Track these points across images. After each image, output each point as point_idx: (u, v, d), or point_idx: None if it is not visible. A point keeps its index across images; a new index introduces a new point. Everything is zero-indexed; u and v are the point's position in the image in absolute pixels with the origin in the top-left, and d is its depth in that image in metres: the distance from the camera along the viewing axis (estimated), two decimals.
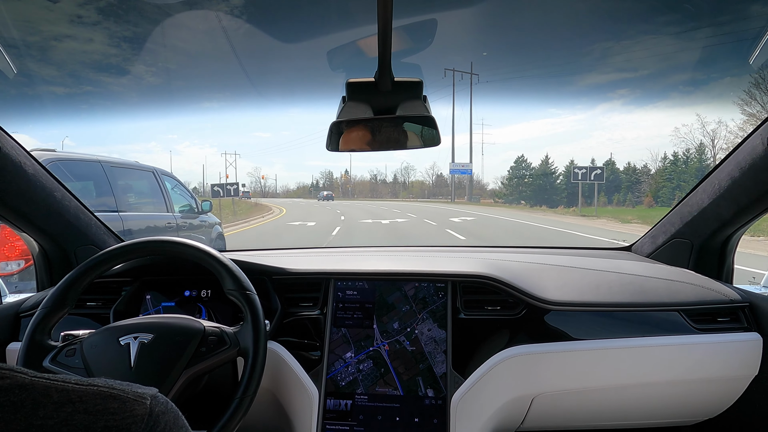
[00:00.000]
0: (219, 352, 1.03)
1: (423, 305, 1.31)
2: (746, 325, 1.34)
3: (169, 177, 6.18)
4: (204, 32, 1.91)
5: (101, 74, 6.75)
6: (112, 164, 5.05)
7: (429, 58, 1.15)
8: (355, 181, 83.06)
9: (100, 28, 3.20)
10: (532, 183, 40.26)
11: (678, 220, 1.59)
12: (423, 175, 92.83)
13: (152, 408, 0.48)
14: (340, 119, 1.03)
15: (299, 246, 2.18)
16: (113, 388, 0.47)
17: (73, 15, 2.68)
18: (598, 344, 1.29)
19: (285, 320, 1.34)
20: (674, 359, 1.29)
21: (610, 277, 1.42)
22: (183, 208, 6.22)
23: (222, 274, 1.12)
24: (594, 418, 1.40)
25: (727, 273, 1.56)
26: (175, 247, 1.16)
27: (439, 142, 1.05)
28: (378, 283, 1.36)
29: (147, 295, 1.40)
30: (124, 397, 0.47)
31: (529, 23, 5.44)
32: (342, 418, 1.23)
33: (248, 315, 1.08)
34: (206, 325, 1.07)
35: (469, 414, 1.20)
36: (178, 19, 1.17)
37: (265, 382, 1.12)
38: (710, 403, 1.39)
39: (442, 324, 1.29)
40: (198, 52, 2.73)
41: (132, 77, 6.17)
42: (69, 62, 4.97)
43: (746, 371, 1.32)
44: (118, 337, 1.02)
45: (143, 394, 0.49)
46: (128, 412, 0.46)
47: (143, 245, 1.17)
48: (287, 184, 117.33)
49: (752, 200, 1.31)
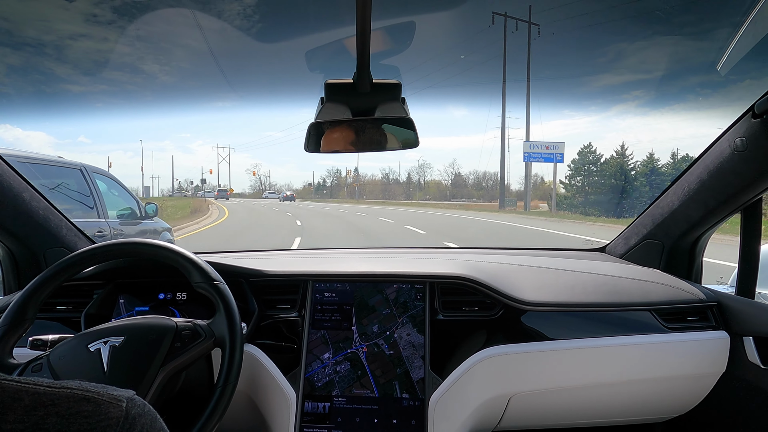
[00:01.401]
0: (194, 345, 1.02)
1: (403, 309, 1.31)
2: (714, 323, 1.38)
3: (103, 176, 5.33)
4: (217, 31, 1.92)
5: (115, 73, 6.72)
6: (21, 159, 4.16)
7: (407, 61, 1.15)
8: (365, 180, 76.00)
9: (114, 27, 3.18)
10: (603, 183, 28.44)
11: (650, 222, 1.63)
12: (441, 174, 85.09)
13: (128, 410, 0.47)
14: (318, 120, 1.03)
15: (277, 247, 2.15)
16: (87, 391, 0.46)
17: (88, 14, 2.67)
18: (573, 344, 1.31)
19: (262, 323, 1.33)
20: (646, 358, 1.32)
21: (584, 278, 1.44)
22: (123, 212, 5.46)
23: (188, 268, 1.11)
24: (569, 416, 1.42)
25: (696, 273, 1.60)
26: (148, 249, 1.13)
27: (417, 144, 1.05)
28: (359, 285, 1.35)
29: (120, 298, 1.37)
30: (98, 399, 0.46)
31: (543, 23, 5.41)
32: (320, 421, 1.22)
33: (220, 305, 1.07)
34: (178, 321, 1.05)
35: (447, 415, 1.21)
36: (192, 18, 1.17)
37: (241, 385, 1.11)
38: (681, 399, 1.43)
39: (421, 329, 1.29)
40: (210, 50, 2.71)
41: (146, 76, 6.15)
42: (84, 61, 4.95)
43: (714, 368, 1.36)
44: (87, 344, 0.99)
45: (119, 396, 0.47)
46: (103, 415, 0.45)
47: (116, 247, 1.14)
48: (291, 182, 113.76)
49: (720, 203, 1.36)
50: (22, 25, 2.17)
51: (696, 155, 1.40)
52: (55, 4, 1.95)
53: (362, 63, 0.93)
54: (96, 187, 4.98)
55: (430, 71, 6.20)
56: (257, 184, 78.85)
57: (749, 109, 1.18)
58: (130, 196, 5.80)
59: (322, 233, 14.15)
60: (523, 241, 12.87)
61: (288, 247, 10.15)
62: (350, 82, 0.99)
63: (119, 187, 5.64)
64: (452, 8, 1.38)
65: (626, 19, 5.44)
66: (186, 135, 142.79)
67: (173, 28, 1.84)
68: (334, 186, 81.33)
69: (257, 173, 78.51)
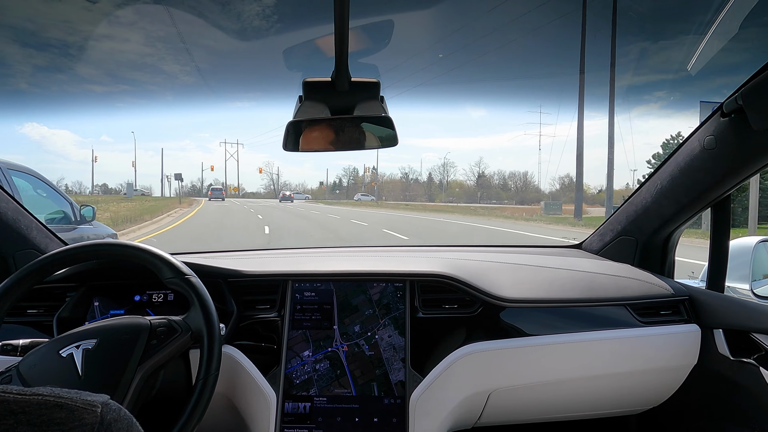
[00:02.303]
0: (171, 341, 1.01)
1: (386, 311, 1.31)
2: (686, 317, 1.42)
3: (24, 174, 4.43)
4: (236, 32, 1.89)
5: (137, 73, 6.52)
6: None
7: (386, 59, 1.15)
8: (384, 180, 67.99)
9: (136, 28, 3.09)
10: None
11: (624, 219, 1.67)
12: (465, 174, 76.22)
13: (103, 416, 0.46)
14: (297, 119, 1.02)
15: (256, 248, 2.12)
16: (60, 397, 0.45)
17: (110, 15, 2.56)
18: (551, 339, 1.33)
19: (241, 323, 1.31)
20: (621, 351, 1.35)
21: (561, 275, 1.47)
22: (52, 216, 4.71)
23: (157, 264, 1.09)
24: (548, 410, 1.44)
25: (669, 268, 1.64)
26: (115, 249, 1.11)
27: (396, 142, 1.05)
28: (342, 285, 1.35)
29: (95, 301, 1.33)
30: (72, 405, 0.45)
31: (564, 21, 5.20)
32: (300, 421, 1.22)
33: (194, 298, 1.05)
34: (151, 319, 1.04)
35: (427, 412, 1.22)
36: (212, 19, 1.17)
37: (220, 387, 1.10)
38: (654, 392, 1.46)
39: (403, 332, 1.29)
40: (230, 51, 2.62)
41: (166, 76, 5.97)
42: (107, 62, 4.82)
43: (686, 361, 1.40)
44: (58, 350, 0.96)
45: (93, 401, 0.46)
46: (76, 422, 0.44)
47: (88, 249, 1.12)
48: (305, 182, 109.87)
49: (691, 199, 1.39)
50: (47, 26, 2.17)
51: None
52: (79, 6, 1.93)
53: (340, 61, 0.92)
54: (13, 188, 4.07)
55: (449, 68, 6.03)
56: (270, 183, 72.32)
57: (718, 109, 1.21)
58: (62, 198, 4.98)
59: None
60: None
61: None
62: (328, 81, 0.98)
63: (47, 187, 4.82)
64: (430, 7, 1.38)
65: (651, 18, 5.30)
66: (205, 134, 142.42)
67: (193, 29, 1.83)
68: (351, 186, 72.80)
69: (270, 172, 73.07)
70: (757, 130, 1.10)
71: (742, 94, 1.11)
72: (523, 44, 4.67)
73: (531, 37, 4.47)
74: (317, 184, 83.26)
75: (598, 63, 3.83)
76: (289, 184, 76.54)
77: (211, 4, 1.45)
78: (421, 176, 73.31)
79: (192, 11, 1.68)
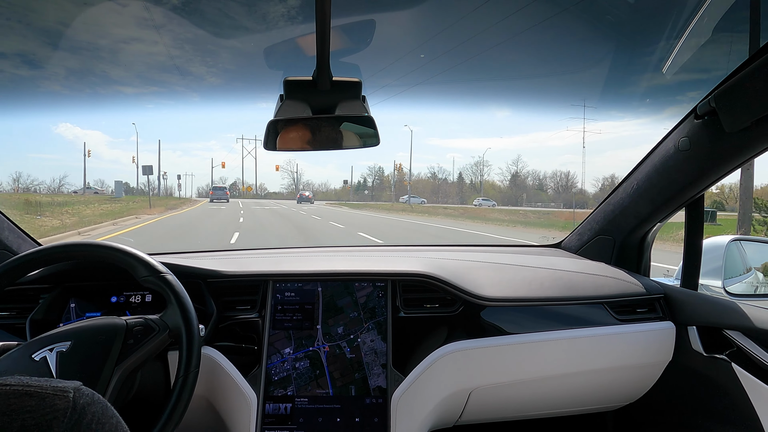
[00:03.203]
0: (149, 340, 0.99)
1: (371, 315, 1.31)
2: (661, 314, 1.45)
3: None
4: (261, 33, 1.86)
5: (165, 75, 6.41)
6: None
7: (368, 59, 1.15)
8: (414, 180, 57.92)
9: (165, 31, 3.05)
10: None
11: (602, 218, 1.70)
12: (500, 174, 67.42)
13: (76, 400, 0.45)
14: (278, 118, 1.00)
15: (236, 248, 2.09)
16: (29, 386, 0.44)
17: (140, 18, 2.53)
18: (531, 337, 1.35)
19: (221, 324, 1.30)
20: (599, 349, 1.38)
21: (541, 274, 1.49)
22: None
23: (131, 263, 1.07)
24: (527, 408, 1.46)
25: (645, 267, 1.68)
26: (88, 250, 1.09)
27: (378, 142, 1.05)
28: (329, 285, 1.34)
29: (71, 302, 1.30)
30: (41, 393, 0.44)
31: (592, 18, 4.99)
32: (281, 422, 1.21)
33: (170, 296, 1.04)
34: (127, 319, 1.02)
35: (409, 411, 1.22)
36: (238, 21, 1.15)
37: (200, 389, 1.08)
38: (631, 388, 1.49)
39: (385, 337, 1.28)
40: (256, 52, 2.58)
41: (193, 78, 5.88)
42: (136, 64, 4.74)
43: (662, 357, 1.43)
44: (31, 353, 0.94)
45: (64, 387, 0.46)
46: (48, 408, 0.43)
47: (60, 249, 1.09)
48: (328, 182, 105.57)
49: (666, 199, 1.42)
50: (79, 30, 2.14)
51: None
52: (110, 9, 1.90)
53: (322, 60, 0.92)
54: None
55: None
56: (291, 183, 65.72)
57: (692, 111, 1.24)
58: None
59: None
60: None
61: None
62: (310, 80, 0.97)
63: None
64: (412, 7, 1.39)
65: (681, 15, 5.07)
66: (230, 135, 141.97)
67: (220, 30, 1.81)
68: (377, 186, 64.27)
69: (291, 170, 66.99)
70: (730, 132, 1.13)
71: (714, 96, 1.13)
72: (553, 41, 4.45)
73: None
74: (341, 184, 76.77)
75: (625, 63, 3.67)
76: (312, 183, 71.69)
77: (237, 6, 1.46)
78: (451, 176, 64.80)
79: (219, 13, 1.67)
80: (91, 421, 0.46)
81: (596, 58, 1.85)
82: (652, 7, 1.40)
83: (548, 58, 1.99)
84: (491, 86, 3.82)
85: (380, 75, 2.55)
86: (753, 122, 1.08)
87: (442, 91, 4.64)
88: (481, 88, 4.33)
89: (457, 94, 5.17)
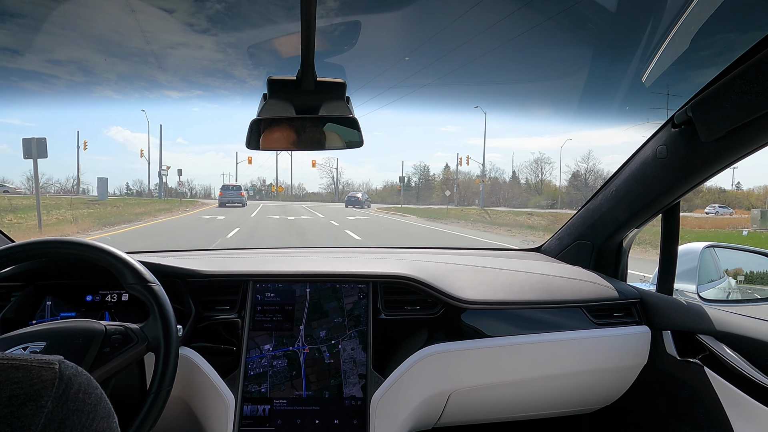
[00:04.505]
0: (126, 350, 0.97)
1: (355, 323, 1.30)
2: (637, 318, 1.48)
3: None
4: (320, 34, 1.86)
5: (209, 78, 6.36)
6: None
7: (352, 60, 1.15)
8: (465, 179, 47.26)
9: (208, 35, 3.04)
10: None
11: (581, 223, 1.72)
12: (567, 172, 51.88)
13: (62, 371, 0.46)
14: (260, 117, 1.00)
15: (216, 247, 2.07)
16: (14, 359, 0.45)
17: (185, 23, 2.52)
18: (510, 340, 1.36)
19: (199, 324, 1.28)
20: (577, 352, 1.40)
21: (521, 277, 1.50)
22: None
23: (120, 269, 1.05)
24: (505, 410, 1.47)
25: (622, 271, 1.71)
26: (73, 249, 1.06)
27: (361, 144, 1.05)
28: (317, 287, 1.33)
29: (47, 301, 1.27)
30: (27, 365, 0.45)
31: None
32: (259, 424, 1.20)
33: (154, 307, 1.02)
34: (107, 324, 0.99)
35: (388, 413, 1.22)
36: (282, 26, 1.15)
37: (177, 390, 1.07)
38: (608, 391, 1.52)
39: (366, 347, 1.28)
40: (297, 55, 2.57)
41: (236, 81, 5.83)
42: (182, 68, 4.72)
43: (637, 361, 1.45)
44: (4, 350, 0.91)
45: (50, 359, 0.47)
46: (36, 379, 0.44)
47: (35, 246, 1.06)
48: (370, 181, 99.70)
49: (643, 206, 1.45)
50: (130, 36, 2.18)
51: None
52: (157, 16, 1.90)
53: (307, 60, 0.92)
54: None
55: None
56: (330, 183, 54.90)
57: (669, 120, 1.26)
58: None
59: None
60: None
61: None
62: (294, 79, 0.97)
63: None
64: (399, 9, 1.39)
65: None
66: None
67: (261, 33, 1.81)
68: (422, 186, 53.59)
69: (330, 168, 57.42)
70: (705, 141, 1.16)
71: (691, 106, 1.16)
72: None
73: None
74: (381, 184, 66.65)
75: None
76: (352, 183, 61.71)
77: (278, 9, 1.46)
78: (502, 175, 52.39)
79: (260, 16, 1.66)
80: (78, 391, 0.47)
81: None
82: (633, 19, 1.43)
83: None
84: (530, 87, 3.81)
85: (384, 76, 2.57)
86: (728, 132, 1.10)
87: (485, 93, 4.62)
88: (522, 90, 4.32)
89: (500, 94, 5.18)
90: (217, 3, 1.91)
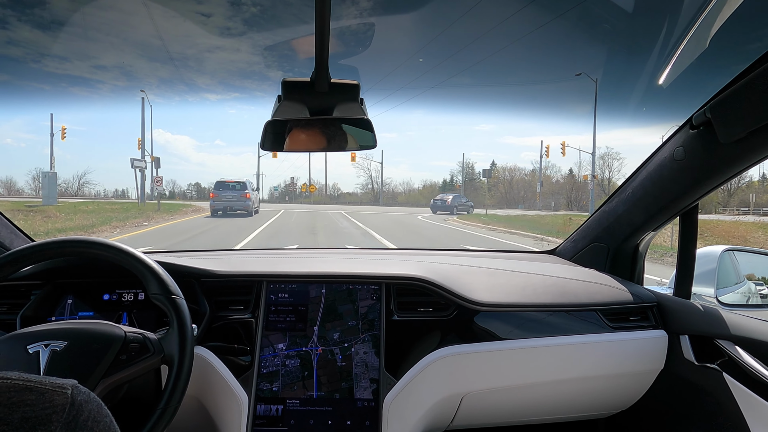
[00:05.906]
0: (141, 360, 0.97)
1: (369, 326, 1.30)
2: (654, 323, 1.45)
3: None
4: (335, 36, 1.92)
5: (246, 81, 6.70)
6: None
7: (366, 61, 1.17)
8: (517, 178, 44.02)
9: (245, 38, 3.19)
10: None
11: (596, 226, 1.70)
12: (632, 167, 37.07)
13: (74, 397, 0.47)
14: (275, 118, 1.01)
15: (230, 248, 2.14)
16: (29, 380, 0.46)
17: (222, 27, 2.69)
18: (524, 343, 1.35)
19: (214, 324, 1.29)
20: (592, 356, 1.38)
21: (535, 280, 1.49)
22: None
23: (146, 276, 1.06)
24: (519, 414, 1.46)
25: (638, 275, 1.68)
26: (94, 249, 1.07)
27: (375, 145, 1.05)
28: (333, 289, 1.33)
29: (68, 299, 1.30)
30: (41, 388, 0.46)
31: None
32: (272, 424, 1.21)
33: (174, 321, 1.03)
34: (127, 330, 1.00)
35: (401, 415, 1.22)
36: (312, 25, 1.22)
37: (191, 389, 1.08)
38: (623, 395, 1.49)
39: (379, 352, 1.28)
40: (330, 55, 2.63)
41: (272, 83, 6.12)
42: (219, 71, 5.01)
43: (654, 365, 1.43)
44: (26, 344, 0.93)
45: (63, 384, 0.47)
46: (47, 403, 0.45)
47: (56, 246, 1.07)
48: (410, 179, 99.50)
49: (660, 208, 1.43)
50: (171, 41, 2.34)
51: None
52: (196, 21, 2.04)
53: (320, 62, 0.92)
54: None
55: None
56: (367, 182, 50.69)
57: (687, 121, 1.24)
58: None
59: None
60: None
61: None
62: (308, 81, 0.98)
63: None
64: (412, 11, 1.42)
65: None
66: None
67: (294, 35, 1.90)
68: (467, 183, 45.65)
69: (368, 168, 52.01)
70: (724, 143, 1.14)
71: (710, 107, 1.14)
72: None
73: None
74: (420, 185, 59.89)
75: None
76: (391, 181, 58.76)
77: (311, 11, 1.52)
78: (556, 173, 47.11)
79: (294, 18, 1.75)
80: (87, 418, 0.48)
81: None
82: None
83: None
84: (568, 85, 3.74)
85: (392, 77, 2.60)
86: (747, 133, 1.08)
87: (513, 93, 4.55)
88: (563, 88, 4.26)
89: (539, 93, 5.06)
90: (252, 6, 1.98)
